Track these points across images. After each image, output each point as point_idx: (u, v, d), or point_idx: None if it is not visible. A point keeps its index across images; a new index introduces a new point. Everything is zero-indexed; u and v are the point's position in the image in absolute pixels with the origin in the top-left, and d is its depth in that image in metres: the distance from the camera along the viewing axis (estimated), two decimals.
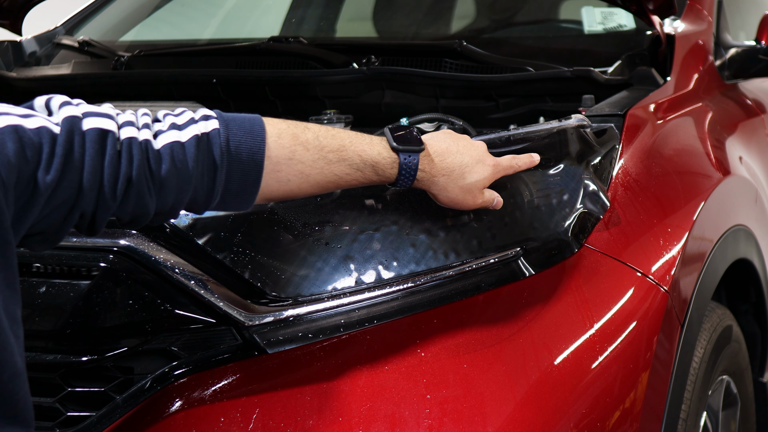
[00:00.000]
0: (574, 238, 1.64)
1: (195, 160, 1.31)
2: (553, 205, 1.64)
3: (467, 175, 1.50)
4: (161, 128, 1.32)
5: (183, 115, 1.35)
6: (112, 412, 1.49)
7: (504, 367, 1.48)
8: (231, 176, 1.35)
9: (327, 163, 1.40)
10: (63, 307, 1.50)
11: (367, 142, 1.44)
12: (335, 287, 1.52)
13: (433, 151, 1.48)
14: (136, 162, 1.28)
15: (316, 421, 1.42)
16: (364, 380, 1.45)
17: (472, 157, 1.51)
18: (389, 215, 1.57)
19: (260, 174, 1.36)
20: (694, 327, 1.83)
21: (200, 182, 1.33)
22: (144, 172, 1.29)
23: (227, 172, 1.34)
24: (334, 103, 2.38)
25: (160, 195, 1.31)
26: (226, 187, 1.35)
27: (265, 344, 1.48)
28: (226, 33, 3.39)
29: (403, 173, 1.46)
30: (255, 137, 1.35)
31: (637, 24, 2.62)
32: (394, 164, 1.45)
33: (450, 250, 1.56)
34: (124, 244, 1.50)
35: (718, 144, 2.25)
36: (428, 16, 3.10)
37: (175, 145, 1.31)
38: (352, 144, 1.43)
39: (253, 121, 1.37)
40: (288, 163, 1.38)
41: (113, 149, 1.27)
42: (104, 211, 1.28)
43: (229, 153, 1.34)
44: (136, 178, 1.28)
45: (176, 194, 1.32)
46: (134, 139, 1.29)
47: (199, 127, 1.33)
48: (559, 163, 1.67)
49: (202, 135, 1.33)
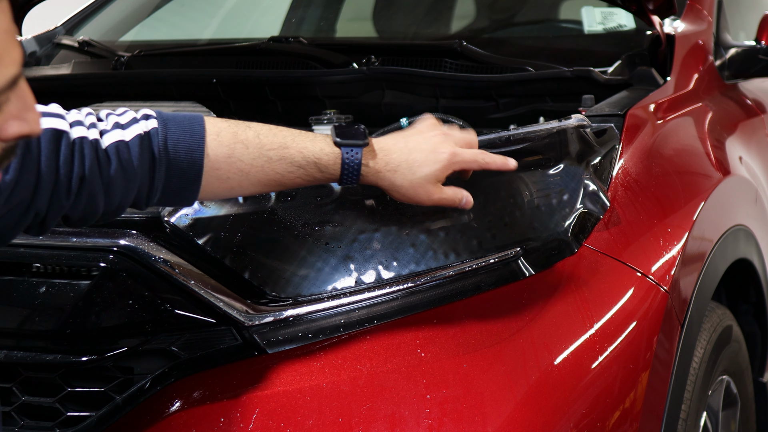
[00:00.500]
0: (574, 238, 1.64)
1: (139, 158, 1.33)
2: (553, 205, 1.64)
3: (416, 169, 1.46)
4: (105, 127, 1.34)
5: (125, 115, 1.37)
6: (112, 412, 1.49)
7: (504, 367, 1.48)
8: (170, 174, 1.36)
9: (268, 161, 1.40)
10: (63, 307, 1.50)
11: (309, 139, 1.43)
12: (335, 287, 1.52)
13: (379, 147, 1.46)
14: (88, 161, 1.29)
15: (316, 421, 1.42)
16: (364, 380, 1.45)
17: (422, 151, 1.47)
18: (389, 215, 1.57)
19: (200, 172, 1.37)
20: (694, 327, 1.83)
21: (143, 180, 1.35)
22: (95, 171, 1.30)
23: (166, 170, 1.36)
24: (334, 103, 2.38)
25: (108, 193, 1.33)
26: (166, 183, 1.37)
27: (265, 344, 1.48)
28: (226, 33, 3.39)
29: (346, 169, 1.44)
30: (194, 135, 1.36)
31: (637, 24, 2.62)
32: (337, 160, 1.43)
33: (450, 250, 1.56)
34: (124, 244, 1.50)
35: (718, 144, 2.25)
36: (428, 16, 3.10)
37: (121, 144, 1.33)
38: (294, 141, 1.42)
39: (193, 119, 1.38)
40: (227, 161, 1.38)
41: (67, 149, 1.28)
42: (57, 211, 1.30)
43: (167, 151, 1.35)
44: (89, 177, 1.29)
45: (122, 193, 1.34)
46: (85, 139, 1.30)
47: (141, 126, 1.35)
48: (559, 163, 1.67)
49: (144, 134, 1.34)
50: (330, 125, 2.18)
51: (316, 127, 2.19)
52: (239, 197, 1.56)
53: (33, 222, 1.30)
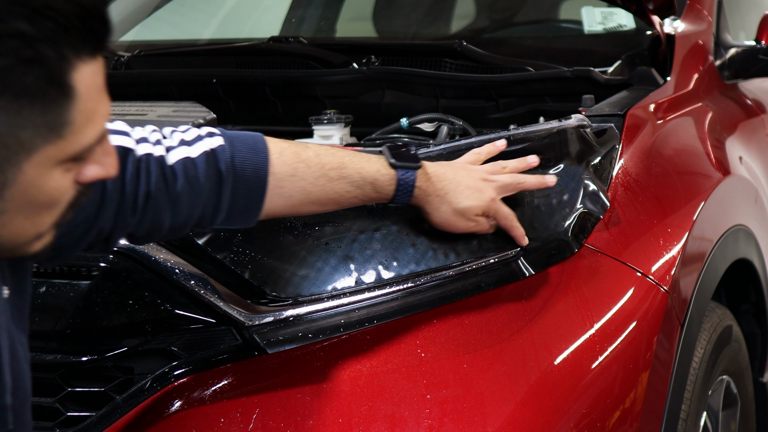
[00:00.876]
0: (574, 238, 1.64)
1: (205, 175, 1.33)
2: (553, 205, 1.64)
3: (461, 200, 1.51)
4: (171, 144, 1.34)
5: (189, 132, 1.36)
6: (112, 412, 1.49)
7: (504, 367, 1.48)
8: (237, 192, 1.36)
9: (328, 181, 1.42)
10: (63, 307, 1.50)
11: (365, 160, 1.46)
12: (335, 287, 1.52)
13: (431, 171, 1.50)
14: (154, 178, 1.29)
15: (316, 421, 1.42)
16: (364, 380, 1.45)
17: (468, 187, 1.52)
18: (389, 215, 1.57)
19: (264, 189, 1.38)
20: (694, 327, 1.83)
21: (209, 198, 1.35)
22: (161, 187, 1.30)
23: (233, 188, 1.36)
24: (334, 103, 2.38)
25: (174, 210, 1.32)
26: (232, 202, 1.37)
27: (265, 344, 1.48)
28: (226, 33, 3.39)
29: (401, 189, 1.47)
30: (258, 153, 1.37)
31: (637, 24, 2.62)
32: (392, 181, 1.46)
33: (450, 250, 1.56)
34: (124, 244, 1.50)
35: (718, 144, 2.25)
36: (428, 16, 3.10)
37: (187, 161, 1.32)
38: (351, 162, 1.44)
39: (255, 138, 1.39)
40: (291, 180, 1.40)
41: (133, 166, 1.28)
42: (122, 228, 1.30)
43: (234, 169, 1.35)
44: (154, 193, 1.29)
45: (188, 209, 1.34)
46: (151, 155, 1.30)
47: (206, 143, 1.35)
48: (559, 163, 1.67)
49: (210, 151, 1.34)
50: (329, 123, 2.19)
51: (316, 127, 2.20)
52: None
53: (96, 239, 1.29)
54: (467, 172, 1.54)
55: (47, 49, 0.96)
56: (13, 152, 0.98)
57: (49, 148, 0.99)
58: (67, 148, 1.01)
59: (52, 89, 0.97)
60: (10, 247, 1.06)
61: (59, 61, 0.97)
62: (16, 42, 0.94)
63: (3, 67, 0.94)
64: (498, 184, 1.55)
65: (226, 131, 1.39)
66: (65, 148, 1.01)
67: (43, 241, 1.08)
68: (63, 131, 0.99)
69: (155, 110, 2.08)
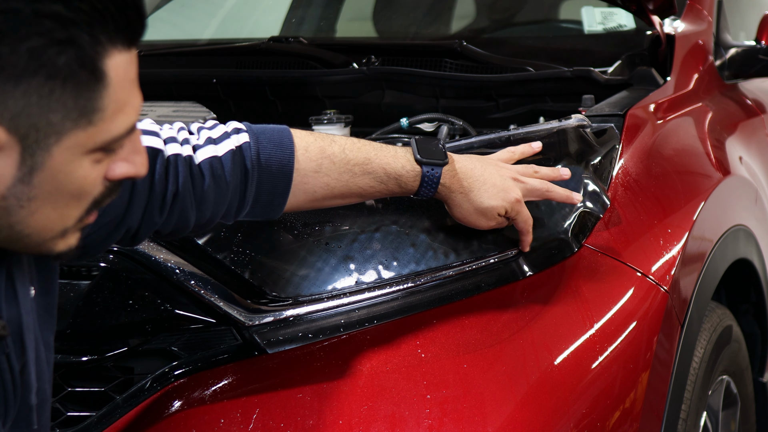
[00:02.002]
0: (574, 238, 1.64)
1: (231, 173, 1.34)
2: (553, 205, 1.64)
3: (484, 198, 1.50)
4: (198, 143, 1.34)
5: (216, 129, 1.37)
6: (112, 412, 1.49)
7: (504, 367, 1.48)
8: (261, 187, 1.37)
9: (352, 176, 1.43)
10: (63, 307, 1.50)
11: (391, 155, 1.46)
12: (335, 287, 1.52)
13: (459, 167, 1.50)
14: (182, 178, 1.30)
15: (316, 421, 1.42)
16: (364, 380, 1.45)
17: (494, 186, 1.51)
18: (389, 215, 1.57)
19: (289, 185, 1.38)
20: (694, 327, 1.83)
21: (234, 194, 1.36)
22: (188, 187, 1.31)
23: (258, 184, 1.37)
24: (334, 103, 2.38)
25: (200, 209, 1.33)
26: (256, 197, 1.38)
27: (265, 344, 1.48)
28: (226, 33, 3.39)
29: (425, 186, 1.47)
30: (284, 149, 1.38)
31: (637, 24, 2.62)
32: (417, 177, 1.46)
33: (450, 250, 1.56)
34: None
35: (718, 144, 2.25)
36: (428, 16, 3.10)
37: (214, 159, 1.33)
38: (377, 157, 1.44)
39: (282, 132, 1.39)
40: (315, 176, 1.40)
41: (161, 167, 1.28)
42: (149, 226, 1.30)
43: (260, 165, 1.36)
44: (182, 193, 1.30)
45: (214, 207, 1.35)
46: (179, 156, 1.31)
47: (233, 140, 1.36)
48: (559, 163, 1.67)
49: (236, 149, 1.35)
50: (329, 123, 2.18)
51: (316, 127, 2.20)
52: None
53: (124, 237, 1.30)
54: (497, 170, 1.53)
55: (81, 33, 0.96)
56: (43, 135, 0.98)
57: (79, 134, 1.00)
58: (96, 136, 1.01)
59: (85, 72, 0.98)
60: (36, 242, 1.05)
61: (93, 45, 0.97)
62: (50, 23, 0.95)
63: (37, 47, 0.95)
64: (527, 187, 1.54)
65: (252, 126, 1.39)
66: (95, 136, 1.01)
67: (68, 241, 1.08)
68: (93, 117, 1.00)
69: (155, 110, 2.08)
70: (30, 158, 0.99)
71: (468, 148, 1.64)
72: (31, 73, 0.95)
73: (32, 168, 0.99)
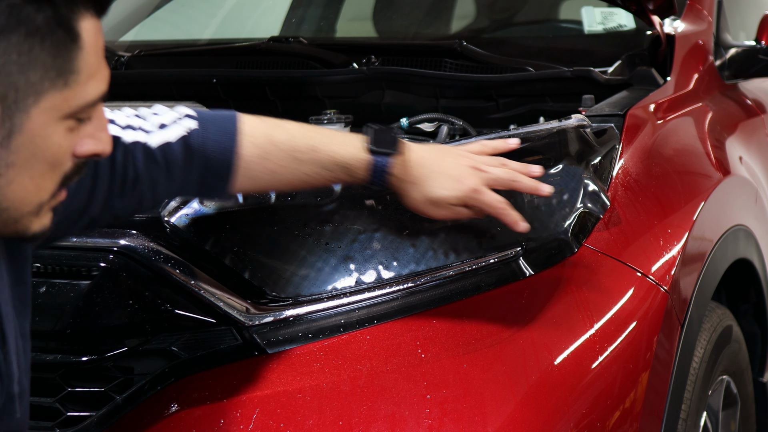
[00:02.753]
0: (574, 238, 1.64)
1: (182, 158, 1.37)
2: (553, 205, 1.64)
3: (434, 189, 1.49)
4: (150, 128, 1.37)
5: (167, 115, 1.39)
6: (112, 412, 1.49)
7: (504, 367, 1.48)
8: (206, 172, 1.40)
9: (298, 164, 1.43)
10: (63, 307, 1.50)
11: (341, 143, 1.46)
12: (335, 287, 1.52)
13: (412, 157, 1.49)
14: (140, 164, 1.33)
15: (316, 421, 1.42)
16: (364, 380, 1.45)
17: (447, 176, 1.49)
18: (389, 215, 1.57)
19: (230, 171, 1.40)
20: (694, 327, 1.83)
21: (183, 178, 1.39)
22: (145, 172, 1.34)
23: (203, 170, 1.39)
24: (334, 103, 2.37)
25: (155, 191, 1.37)
26: (202, 181, 1.40)
27: (265, 344, 1.48)
28: (226, 33, 3.39)
29: (375, 175, 1.47)
30: (228, 136, 1.40)
31: (637, 24, 2.62)
32: (368, 167, 1.46)
33: (450, 250, 1.56)
34: (124, 244, 1.50)
35: (718, 144, 2.25)
36: (428, 16, 3.10)
37: (166, 145, 1.36)
38: (325, 145, 1.45)
39: (227, 120, 1.41)
40: (259, 162, 1.42)
41: (121, 155, 1.32)
42: (109, 212, 1.34)
43: (205, 152, 1.38)
44: (141, 179, 1.34)
45: (166, 189, 1.38)
46: (138, 143, 1.34)
47: (182, 126, 1.38)
48: (559, 163, 1.67)
49: (187, 134, 1.38)
50: (329, 124, 2.18)
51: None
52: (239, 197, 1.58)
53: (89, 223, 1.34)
54: (455, 159, 1.52)
55: None
56: (22, 95, 1.03)
57: (56, 96, 1.05)
58: (72, 100, 1.06)
59: (61, 31, 1.03)
60: (14, 217, 1.09)
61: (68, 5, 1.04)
62: None
63: (16, 4, 1.00)
64: (487, 176, 1.52)
65: (202, 112, 1.42)
66: (70, 99, 1.06)
67: (42, 220, 1.11)
68: (69, 79, 1.05)
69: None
70: (9, 120, 1.03)
71: None
72: (11, 29, 1.01)
73: (11, 131, 1.03)
